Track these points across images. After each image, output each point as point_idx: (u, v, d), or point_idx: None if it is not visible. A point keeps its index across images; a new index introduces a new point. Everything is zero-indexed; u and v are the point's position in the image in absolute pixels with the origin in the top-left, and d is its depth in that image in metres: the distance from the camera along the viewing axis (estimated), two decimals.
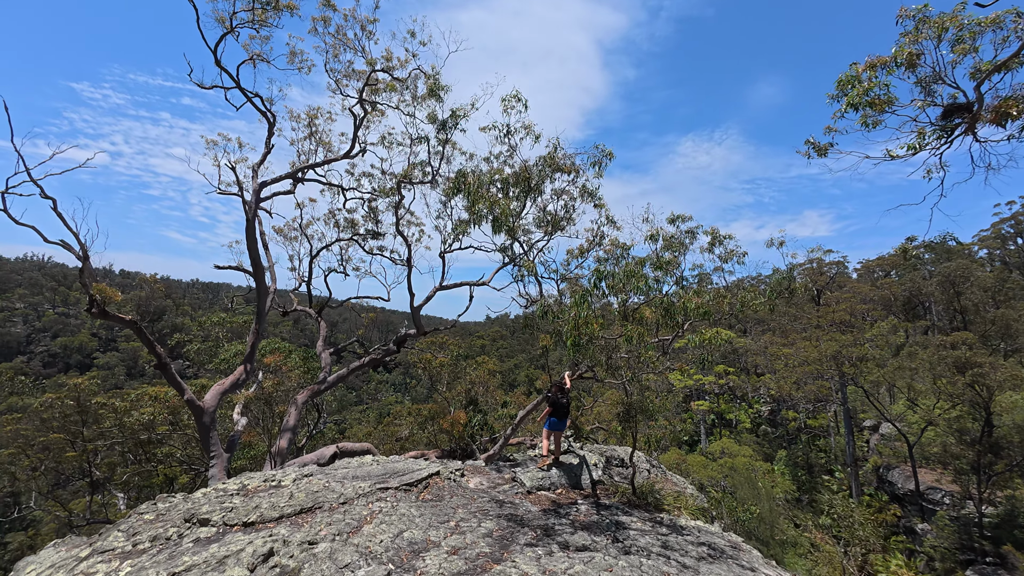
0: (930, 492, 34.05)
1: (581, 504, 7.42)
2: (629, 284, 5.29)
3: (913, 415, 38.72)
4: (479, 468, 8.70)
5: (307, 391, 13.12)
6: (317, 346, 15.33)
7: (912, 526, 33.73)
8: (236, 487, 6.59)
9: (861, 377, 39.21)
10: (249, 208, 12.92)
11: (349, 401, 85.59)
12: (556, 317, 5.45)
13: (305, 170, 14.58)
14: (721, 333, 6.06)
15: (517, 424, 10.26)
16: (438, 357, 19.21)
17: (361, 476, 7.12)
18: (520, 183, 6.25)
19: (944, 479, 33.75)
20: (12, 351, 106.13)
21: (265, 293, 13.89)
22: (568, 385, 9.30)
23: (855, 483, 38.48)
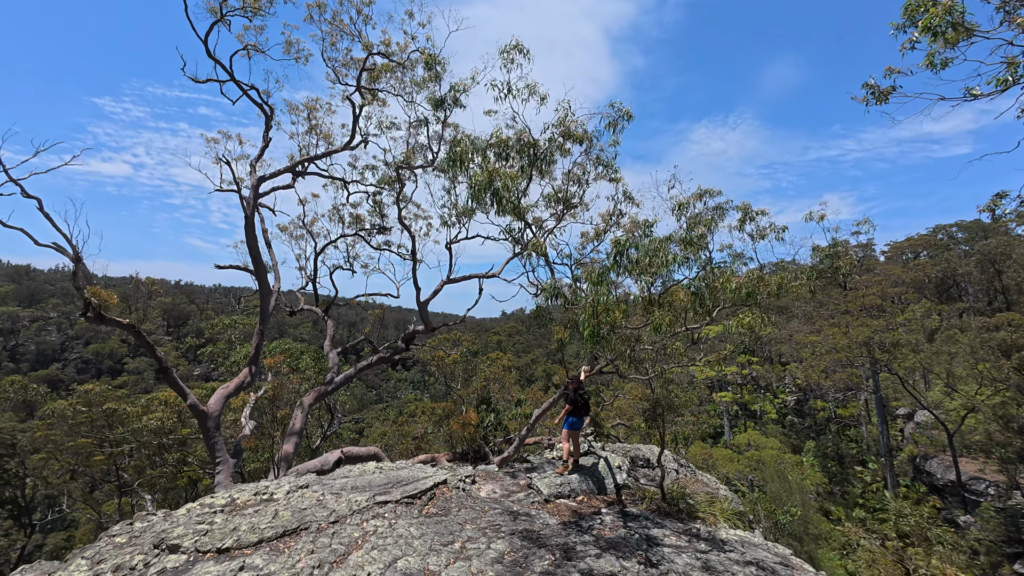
0: (973, 483, 32.25)
1: (605, 514, 6.65)
2: (655, 262, 4.47)
3: (951, 402, 36.80)
4: (492, 474, 7.99)
5: (313, 393, 12.61)
6: (324, 346, 14.82)
7: (954, 518, 32.00)
8: (224, 502, 6.01)
9: (895, 363, 37.38)
10: (248, 204, 12.40)
11: (369, 400, 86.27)
12: (570, 304, 4.67)
13: (305, 163, 14.01)
14: (765, 318, 5.21)
15: (533, 424, 9.53)
16: (451, 354, 18.60)
17: (361, 487, 6.47)
18: (524, 150, 5.44)
19: (988, 469, 31.93)
20: (48, 359, 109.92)
21: (268, 293, 13.40)
22: (584, 379, 8.53)
23: (890, 474, 36.79)
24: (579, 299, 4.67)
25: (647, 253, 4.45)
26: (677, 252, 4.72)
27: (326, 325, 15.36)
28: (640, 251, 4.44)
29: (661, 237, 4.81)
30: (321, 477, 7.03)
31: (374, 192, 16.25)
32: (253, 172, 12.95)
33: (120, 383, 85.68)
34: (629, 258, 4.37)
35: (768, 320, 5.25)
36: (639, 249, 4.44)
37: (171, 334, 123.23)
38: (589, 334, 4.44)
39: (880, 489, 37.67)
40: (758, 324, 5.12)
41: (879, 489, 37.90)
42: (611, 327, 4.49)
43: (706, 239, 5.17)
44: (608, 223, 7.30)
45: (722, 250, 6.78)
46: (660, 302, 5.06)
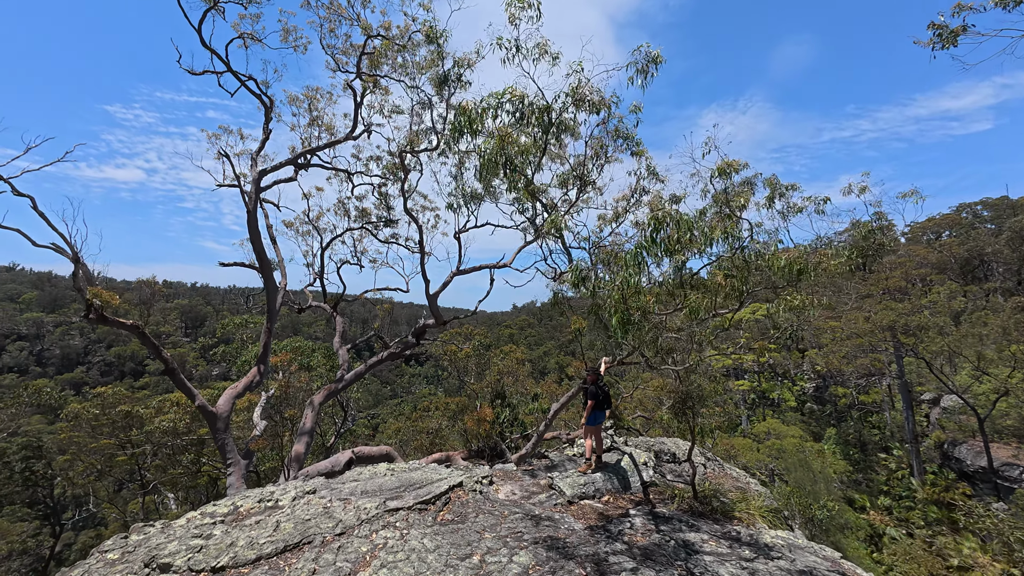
0: (1006, 468, 31.10)
1: (635, 516, 6.14)
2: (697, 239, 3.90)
3: (980, 386, 35.51)
4: (510, 473, 7.53)
5: (324, 391, 12.27)
6: (334, 343, 14.48)
7: (986, 506, 30.90)
8: (226, 510, 5.63)
9: (921, 347, 36.14)
10: (249, 199, 12.02)
11: (384, 395, 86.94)
12: (596, 288, 4.13)
13: (307, 155, 13.58)
14: (814, 299, 4.62)
15: (551, 418, 9.04)
16: (463, 348, 18.20)
17: (371, 491, 6.05)
18: (538, 116, 4.86)
19: (1022, 454, 30.76)
20: (72, 362, 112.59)
21: (275, 289, 13.06)
22: (603, 371, 8.01)
23: (916, 461, 35.75)
24: (606, 282, 4.13)
25: (688, 227, 3.87)
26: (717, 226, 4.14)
27: (335, 322, 15.02)
28: (682, 226, 3.86)
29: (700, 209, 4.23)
30: (330, 481, 6.63)
31: (379, 184, 15.79)
32: (254, 165, 12.56)
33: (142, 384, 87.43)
34: (668, 234, 3.80)
35: (818, 301, 4.66)
36: (682, 224, 3.86)
37: (189, 335, 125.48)
38: (618, 321, 3.91)
39: (906, 476, 36.61)
40: (807, 306, 4.53)
41: (905, 476, 36.84)
42: (643, 313, 3.95)
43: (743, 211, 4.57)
44: (629, 202, 6.71)
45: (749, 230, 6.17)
46: (695, 284, 4.50)
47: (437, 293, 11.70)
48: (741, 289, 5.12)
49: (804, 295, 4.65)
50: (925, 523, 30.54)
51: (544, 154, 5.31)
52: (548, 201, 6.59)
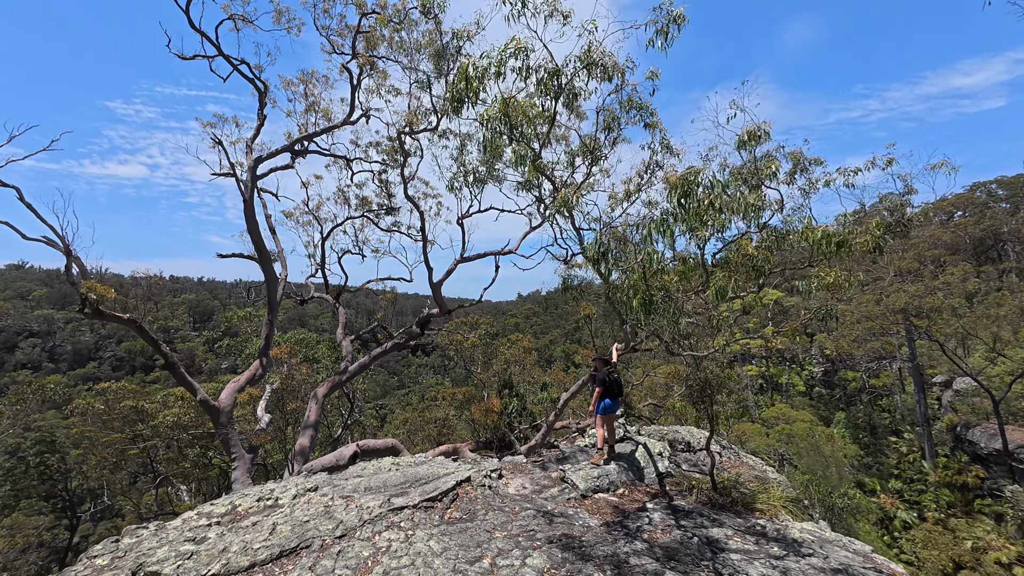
0: (1021, 451, 30.62)
1: (652, 510, 5.82)
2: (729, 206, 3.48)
3: (994, 368, 34.92)
4: (520, 466, 7.23)
5: (328, 383, 12.04)
6: (337, 334, 14.23)
7: (1000, 488, 30.54)
8: (223, 510, 5.37)
9: (934, 329, 35.50)
10: (245, 187, 11.67)
11: (391, 386, 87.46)
12: (616, 265, 3.74)
13: (304, 141, 13.17)
14: (850, 278, 4.21)
15: (561, 408, 8.74)
16: (470, 338, 17.92)
17: (375, 487, 5.76)
18: (547, 82, 4.40)
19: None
20: (84, 358, 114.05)
21: (275, 281, 12.77)
22: (615, 359, 7.66)
23: (928, 444, 35.39)
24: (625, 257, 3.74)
25: (723, 189, 3.43)
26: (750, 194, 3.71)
27: (338, 313, 14.75)
28: (715, 188, 3.42)
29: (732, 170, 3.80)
30: (332, 477, 6.36)
31: (379, 171, 15.38)
32: (249, 153, 12.17)
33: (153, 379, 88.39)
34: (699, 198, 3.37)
35: (856, 277, 4.25)
36: (715, 186, 3.42)
37: (197, 329, 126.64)
38: (639, 303, 3.53)
39: (917, 460, 36.28)
40: (845, 283, 4.12)
41: (916, 460, 36.51)
42: (666, 294, 3.57)
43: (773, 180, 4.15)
44: (643, 178, 6.28)
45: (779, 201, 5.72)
46: (721, 262, 4.10)
47: (441, 281, 11.35)
48: (763, 268, 4.71)
49: (839, 271, 4.24)
50: (937, 506, 30.30)
51: (552, 124, 4.88)
52: (557, 180, 6.16)
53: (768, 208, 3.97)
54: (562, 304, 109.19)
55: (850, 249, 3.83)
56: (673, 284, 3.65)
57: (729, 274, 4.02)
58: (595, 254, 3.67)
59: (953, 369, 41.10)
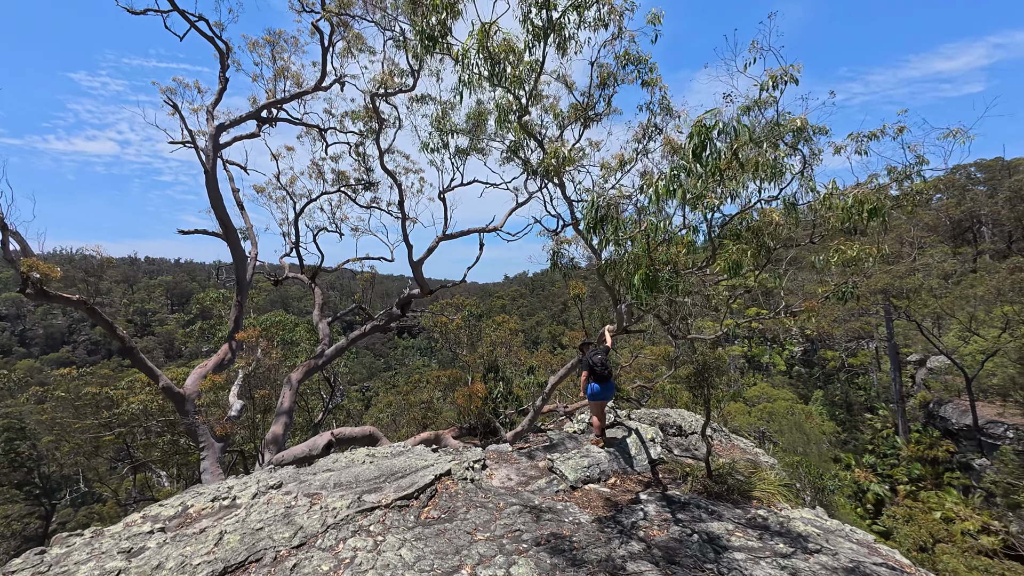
0: (990, 426, 31.69)
1: (647, 502, 5.45)
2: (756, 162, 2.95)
3: (967, 347, 35.93)
4: (505, 455, 6.79)
5: (303, 368, 11.41)
6: (313, 316, 13.53)
7: (968, 462, 31.70)
8: (172, 512, 4.80)
9: (913, 310, 36.19)
10: (207, 157, 10.73)
11: (377, 368, 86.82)
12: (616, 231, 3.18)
13: (272, 108, 12.18)
14: (873, 250, 3.75)
15: (549, 393, 8.31)
16: (455, 319, 17.36)
17: (345, 483, 5.24)
18: (535, 6, 3.74)
19: (1008, 412, 31.33)
20: (57, 342, 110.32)
21: (243, 259, 11.96)
22: (608, 342, 7.21)
23: (901, 420, 36.48)
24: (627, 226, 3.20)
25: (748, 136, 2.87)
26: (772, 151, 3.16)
27: (314, 294, 14.01)
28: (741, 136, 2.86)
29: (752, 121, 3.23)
30: (300, 471, 5.81)
31: (356, 143, 14.44)
32: (210, 120, 11.18)
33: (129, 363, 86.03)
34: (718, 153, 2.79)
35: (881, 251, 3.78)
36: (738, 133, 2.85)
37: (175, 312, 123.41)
38: (641, 280, 3.01)
39: (891, 435, 37.41)
40: (868, 257, 3.66)
41: (890, 435, 37.66)
42: (673, 268, 3.05)
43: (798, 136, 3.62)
44: (640, 143, 5.69)
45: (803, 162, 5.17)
46: (731, 232, 3.59)
47: (422, 260, 10.70)
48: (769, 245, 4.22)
49: (861, 244, 3.78)
50: (909, 479, 31.40)
51: (540, 72, 4.24)
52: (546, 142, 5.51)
53: (788, 171, 3.46)
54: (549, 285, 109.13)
55: (882, 218, 3.36)
56: (681, 258, 3.15)
57: (743, 247, 3.52)
58: (592, 220, 3.11)
59: (927, 348, 42.24)
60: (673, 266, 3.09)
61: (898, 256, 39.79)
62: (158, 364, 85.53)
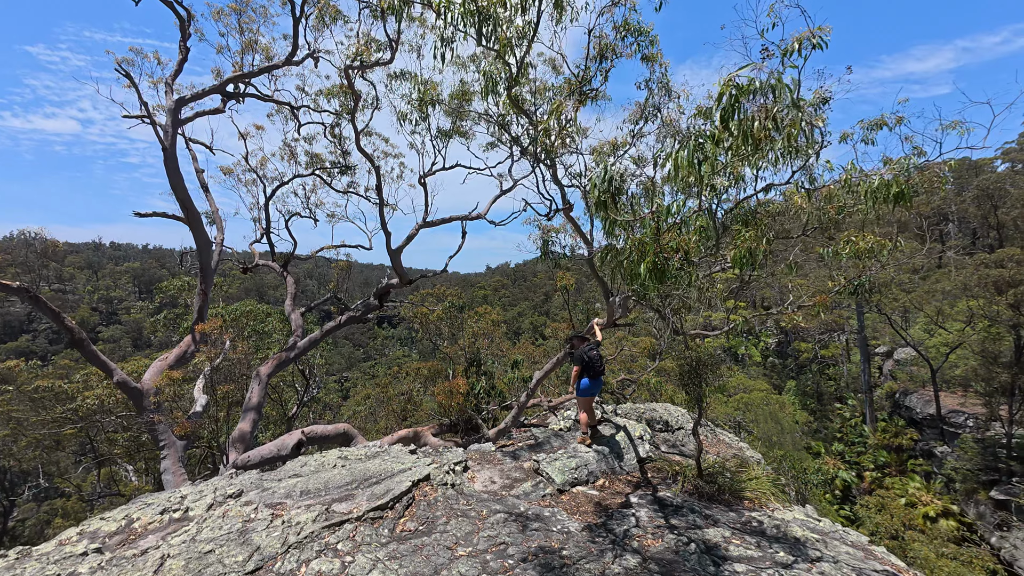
0: (952, 415, 33.02)
1: (638, 506, 5.16)
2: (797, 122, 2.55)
3: (931, 339, 37.32)
4: (488, 455, 6.41)
5: (273, 361, 10.76)
6: (286, 306, 12.83)
7: (931, 449, 33.01)
8: (114, 527, 4.26)
9: (885, 304, 37.33)
10: (165, 133, 9.89)
11: (357, 358, 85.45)
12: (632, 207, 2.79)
13: (239, 82, 11.31)
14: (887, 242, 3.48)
15: (534, 388, 7.97)
16: (435, 310, 16.85)
17: (314, 490, 4.78)
18: None
19: (968, 402, 32.67)
20: (15, 330, 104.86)
21: (208, 244, 11.17)
22: (598, 336, 6.89)
23: (869, 409, 37.74)
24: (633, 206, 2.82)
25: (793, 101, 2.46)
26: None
27: (287, 283, 13.28)
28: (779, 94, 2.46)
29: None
30: (263, 478, 5.31)
31: (332, 123, 13.65)
32: (169, 92, 10.30)
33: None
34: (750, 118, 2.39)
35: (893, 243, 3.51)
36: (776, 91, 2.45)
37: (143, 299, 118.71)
38: (648, 269, 2.64)
39: (859, 424, 38.71)
40: (880, 249, 3.38)
41: (857, 424, 38.97)
42: (684, 256, 2.69)
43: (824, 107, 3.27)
44: (636, 126, 5.30)
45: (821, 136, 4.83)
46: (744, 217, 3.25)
47: (400, 248, 10.15)
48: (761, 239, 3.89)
49: (874, 235, 3.51)
50: (875, 466, 32.61)
51: (534, 37, 3.78)
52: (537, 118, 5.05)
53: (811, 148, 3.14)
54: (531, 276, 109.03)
55: (909, 201, 3.07)
56: (692, 245, 2.79)
57: (757, 234, 3.19)
58: (602, 195, 2.70)
59: (895, 340, 43.70)
60: (684, 254, 2.74)
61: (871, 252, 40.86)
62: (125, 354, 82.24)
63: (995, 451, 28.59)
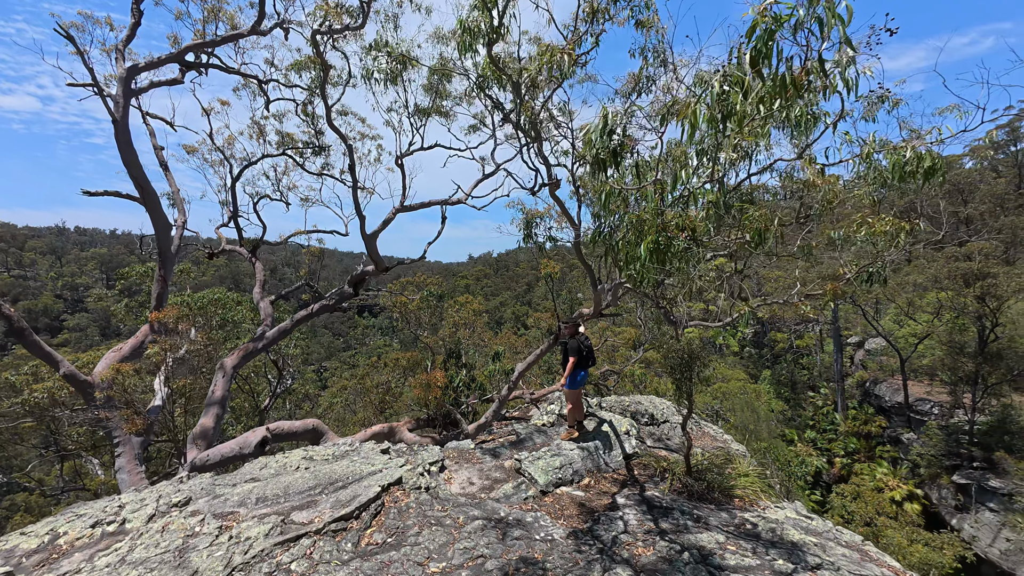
0: (919, 403, 34.18)
1: (625, 508, 4.85)
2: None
3: (901, 330, 38.48)
4: (466, 453, 6.02)
5: (239, 352, 10.11)
6: (254, 293, 12.11)
7: (898, 436, 34.17)
8: (35, 544, 3.72)
9: (859, 295, 38.31)
10: (116, 104, 9.03)
11: (337, 347, 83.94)
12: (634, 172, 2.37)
13: (200, 52, 10.43)
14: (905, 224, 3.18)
15: (516, 380, 7.60)
16: (414, 300, 16.30)
17: (271, 497, 4.31)
18: None
19: (934, 391, 33.83)
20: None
21: (167, 226, 10.36)
22: (583, 330, 6.55)
23: (840, 397, 38.80)
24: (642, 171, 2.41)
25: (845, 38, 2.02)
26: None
27: (255, 269, 12.54)
28: (830, 24, 2.01)
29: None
30: (216, 482, 4.80)
31: (304, 100, 12.84)
32: (121, 59, 9.40)
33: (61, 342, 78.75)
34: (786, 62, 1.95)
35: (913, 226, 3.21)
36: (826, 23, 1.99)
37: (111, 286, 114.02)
38: (649, 249, 2.24)
39: (830, 412, 39.84)
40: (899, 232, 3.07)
41: (829, 412, 40.09)
42: (691, 235, 2.30)
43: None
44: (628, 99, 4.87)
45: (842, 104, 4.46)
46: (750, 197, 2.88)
47: (376, 232, 9.57)
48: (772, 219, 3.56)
49: (893, 218, 3.20)
50: (845, 452, 33.68)
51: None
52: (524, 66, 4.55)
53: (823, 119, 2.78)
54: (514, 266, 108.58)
55: (941, 176, 2.76)
56: (700, 224, 2.41)
57: (769, 213, 2.83)
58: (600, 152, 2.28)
59: (866, 331, 44.93)
60: (691, 233, 2.35)
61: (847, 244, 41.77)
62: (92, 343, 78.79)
63: (958, 437, 29.72)
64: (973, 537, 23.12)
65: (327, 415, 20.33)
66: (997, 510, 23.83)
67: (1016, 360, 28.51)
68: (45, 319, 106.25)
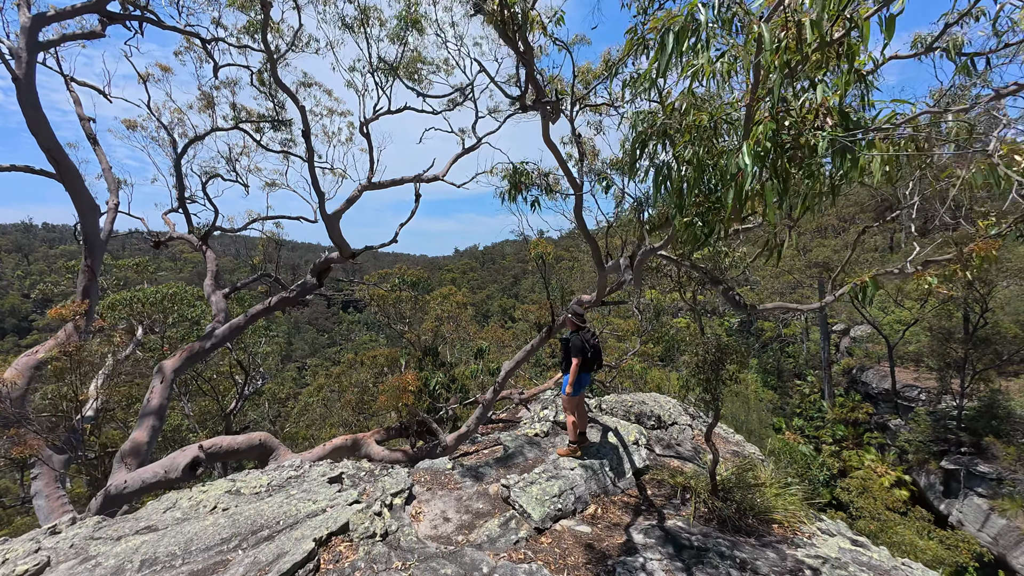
0: (906, 390, 34.22)
1: (647, 551, 3.74)
2: None
3: (886, 317, 38.57)
4: (441, 476, 4.83)
5: (182, 353, 8.70)
6: (205, 286, 10.66)
7: (885, 422, 34.19)
8: None
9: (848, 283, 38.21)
10: (18, 60, 7.51)
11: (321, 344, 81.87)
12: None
13: (127, 2, 8.87)
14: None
15: (502, 382, 6.44)
16: (395, 293, 14.99)
17: (164, 557, 3.07)
18: None
19: (921, 377, 33.89)
20: None
21: (92, 209, 8.85)
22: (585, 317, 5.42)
23: (827, 385, 38.78)
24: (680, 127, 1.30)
25: None
26: None
27: (205, 258, 11.07)
28: None
29: None
30: (94, 535, 3.52)
31: (260, 69, 11.33)
32: (24, 6, 7.84)
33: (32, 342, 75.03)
34: None
35: None
36: None
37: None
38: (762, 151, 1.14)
39: (817, 400, 39.87)
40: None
41: (816, 400, 40.13)
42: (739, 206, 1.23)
43: None
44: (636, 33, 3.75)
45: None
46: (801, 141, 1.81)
47: (339, 212, 8.25)
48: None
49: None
50: (833, 440, 33.61)
51: None
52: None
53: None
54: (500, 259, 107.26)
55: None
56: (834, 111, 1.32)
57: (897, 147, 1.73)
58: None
59: (852, 318, 45.03)
60: (744, 198, 1.24)
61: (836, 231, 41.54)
62: None
63: (945, 423, 29.71)
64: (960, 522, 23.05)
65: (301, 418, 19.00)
66: (985, 495, 23.77)
67: (1004, 345, 28.55)
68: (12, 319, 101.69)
